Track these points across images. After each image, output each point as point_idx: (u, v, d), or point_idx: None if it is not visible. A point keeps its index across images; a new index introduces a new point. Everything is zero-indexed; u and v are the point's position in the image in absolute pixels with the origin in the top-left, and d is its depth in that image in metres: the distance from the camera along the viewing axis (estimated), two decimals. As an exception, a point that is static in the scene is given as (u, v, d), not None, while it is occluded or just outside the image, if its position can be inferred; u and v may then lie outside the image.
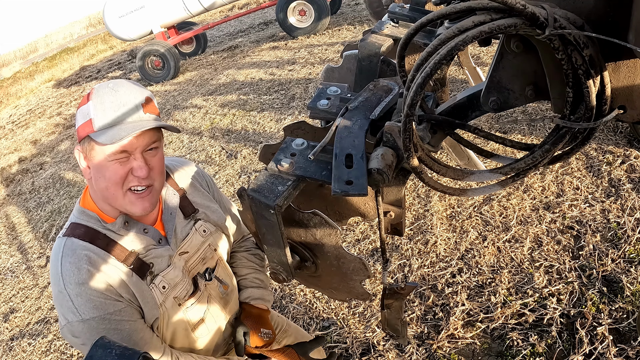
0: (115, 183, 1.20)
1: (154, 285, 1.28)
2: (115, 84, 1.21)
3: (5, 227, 5.84)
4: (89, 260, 1.19)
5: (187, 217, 1.42)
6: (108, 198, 1.23)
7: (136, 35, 10.02)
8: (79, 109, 1.22)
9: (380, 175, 0.93)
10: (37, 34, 37.22)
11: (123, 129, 1.16)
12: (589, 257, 2.58)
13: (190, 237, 1.40)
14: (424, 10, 1.44)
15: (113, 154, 1.17)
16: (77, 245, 1.21)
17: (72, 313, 1.17)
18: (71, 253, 1.20)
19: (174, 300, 1.32)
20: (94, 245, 1.21)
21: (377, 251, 3.17)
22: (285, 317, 2.03)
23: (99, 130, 1.16)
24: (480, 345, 2.36)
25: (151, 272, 1.28)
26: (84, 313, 1.16)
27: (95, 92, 1.19)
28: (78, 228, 1.24)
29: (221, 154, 5.43)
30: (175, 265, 1.34)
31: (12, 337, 3.73)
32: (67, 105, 10.98)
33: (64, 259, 1.19)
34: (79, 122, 1.21)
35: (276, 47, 9.20)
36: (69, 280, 1.17)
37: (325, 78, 1.45)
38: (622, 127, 3.48)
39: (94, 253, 1.20)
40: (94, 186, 1.24)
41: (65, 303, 1.17)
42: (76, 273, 1.17)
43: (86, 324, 1.16)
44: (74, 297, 1.16)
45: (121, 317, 1.19)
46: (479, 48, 5.34)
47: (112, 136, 1.15)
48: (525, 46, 0.82)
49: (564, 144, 0.88)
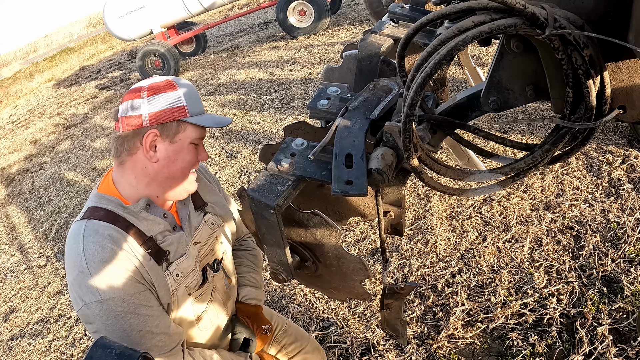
0: (192, 165, 1.33)
1: (168, 272, 1.29)
2: (183, 80, 1.34)
3: (5, 227, 5.83)
4: (112, 240, 1.19)
5: (197, 209, 1.46)
6: (177, 179, 1.31)
7: (136, 35, 10.02)
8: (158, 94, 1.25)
9: (380, 175, 0.93)
10: (37, 34, 37.18)
11: (207, 118, 1.33)
12: (589, 257, 2.58)
13: (201, 228, 1.43)
14: (424, 10, 1.44)
15: (197, 139, 1.31)
16: (99, 225, 1.21)
17: (91, 293, 1.16)
18: (93, 233, 1.20)
19: (185, 290, 1.34)
20: (115, 227, 1.22)
21: (377, 251, 3.17)
22: (285, 317, 2.03)
23: (192, 117, 1.28)
24: (480, 345, 2.36)
25: (167, 260, 1.29)
26: (104, 293, 1.15)
27: (178, 83, 1.29)
28: (97, 211, 1.25)
29: (221, 154, 5.43)
30: (189, 254, 1.35)
31: (12, 337, 3.73)
32: (67, 105, 10.98)
33: (86, 239, 1.19)
34: (163, 106, 1.24)
35: (276, 47, 9.20)
36: (92, 259, 1.16)
37: (325, 78, 1.45)
38: (622, 127, 3.48)
39: (116, 233, 1.21)
40: (161, 168, 1.28)
41: (85, 283, 1.16)
42: (100, 251, 1.17)
43: (104, 305, 1.15)
44: (96, 275, 1.15)
45: (140, 301, 1.19)
46: (479, 48, 5.35)
47: (206, 121, 1.31)
48: (525, 46, 0.82)
49: (564, 144, 0.88)
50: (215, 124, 1.33)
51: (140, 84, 1.28)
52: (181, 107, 1.26)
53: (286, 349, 1.77)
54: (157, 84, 1.27)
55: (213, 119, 1.35)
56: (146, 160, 1.26)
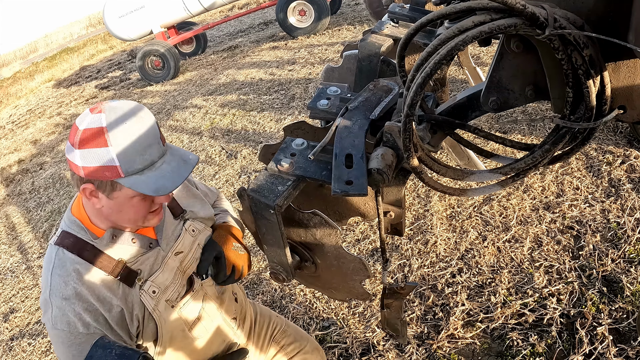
0: (142, 216, 1.24)
1: (143, 292, 1.29)
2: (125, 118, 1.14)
3: (5, 227, 5.84)
4: (77, 276, 1.23)
5: (176, 217, 1.44)
6: (127, 222, 1.26)
7: (136, 35, 10.02)
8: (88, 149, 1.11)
9: (380, 175, 0.93)
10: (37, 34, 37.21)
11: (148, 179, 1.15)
12: (589, 257, 2.58)
13: (182, 237, 1.41)
14: (424, 10, 1.44)
15: (139, 195, 1.17)
16: (67, 258, 1.24)
17: (48, 320, 1.23)
18: (61, 265, 1.24)
19: (167, 304, 1.34)
20: (82, 258, 1.24)
21: (377, 251, 3.17)
22: (284, 317, 2.03)
23: (128, 177, 1.14)
24: (480, 345, 2.36)
25: (139, 279, 1.30)
26: (56, 323, 1.22)
27: (111, 133, 1.11)
28: (68, 237, 1.27)
29: (221, 154, 5.43)
30: (166, 267, 1.35)
31: (12, 337, 3.73)
32: (67, 105, 10.98)
33: (54, 270, 1.24)
34: (94, 163, 1.12)
35: (276, 47, 9.20)
36: (55, 293, 1.22)
37: (325, 78, 1.45)
38: (622, 127, 3.48)
39: (82, 267, 1.24)
40: (105, 215, 1.24)
41: (46, 309, 1.24)
42: (63, 287, 1.22)
43: (55, 331, 1.22)
44: (54, 307, 1.22)
45: (85, 340, 1.22)
46: (479, 48, 5.35)
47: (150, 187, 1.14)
48: (525, 46, 0.82)
49: (564, 144, 0.88)
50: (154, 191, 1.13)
51: (77, 124, 1.15)
52: (113, 168, 1.12)
53: (285, 349, 1.76)
54: (88, 134, 1.11)
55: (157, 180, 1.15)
56: (92, 203, 1.23)
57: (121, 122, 1.12)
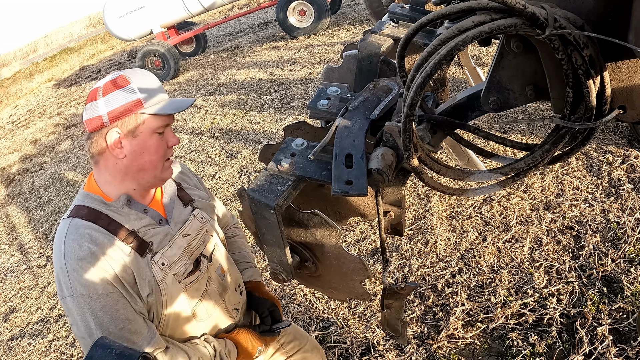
0: (161, 155, 1.36)
1: (153, 263, 1.33)
2: (139, 71, 1.36)
3: (5, 227, 5.84)
4: (90, 239, 1.26)
5: (186, 204, 1.52)
6: (148, 170, 1.34)
7: (136, 35, 10.03)
8: (112, 92, 1.29)
9: (380, 175, 0.93)
10: (37, 34, 37.27)
11: (165, 106, 1.34)
12: (589, 257, 2.58)
13: (191, 222, 1.49)
14: (424, 10, 1.44)
15: (160, 127, 1.33)
16: (80, 224, 1.28)
17: (66, 288, 1.23)
18: (74, 232, 1.27)
19: (174, 277, 1.38)
20: (97, 225, 1.28)
21: (377, 251, 3.17)
22: (284, 317, 2.03)
23: (148, 107, 1.31)
24: (480, 345, 2.36)
25: (150, 250, 1.34)
26: (75, 288, 1.22)
27: (131, 77, 1.32)
28: (81, 209, 1.32)
29: (221, 154, 5.43)
30: (174, 244, 1.40)
31: (12, 337, 3.73)
32: (67, 105, 10.98)
33: (67, 237, 1.27)
34: (118, 103, 1.28)
35: (276, 47, 9.20)
36: (69, 256, 1.24)
37: (325, 78, 1.45)
38: (622, 127, 3.48)
39: (96, 231, 1.27)
40: (125, 167, 1.32)
41: (63, 278, 1.24)
42: (77, 249, 1.24)
43: (76, 300, 1.22)
44: (71, 271, 1.23)
45: (106, 302, 1.24)
46: (479, 48, 5.35)
47: (163, 109, 1.32)
48: (525, 46, 0.82)
49: (564, 144, 0.88)
50: (174, 110, 1.35)
51: (97, 85, 1.33)
52: (136, 101, 1.30)
53: (285, 347, 1.77)
54: (111, 82, 1.31)
55: (172, 104, 1.37)
56: (114, 157, 1.32)
57: (136, 72, 1.36)
